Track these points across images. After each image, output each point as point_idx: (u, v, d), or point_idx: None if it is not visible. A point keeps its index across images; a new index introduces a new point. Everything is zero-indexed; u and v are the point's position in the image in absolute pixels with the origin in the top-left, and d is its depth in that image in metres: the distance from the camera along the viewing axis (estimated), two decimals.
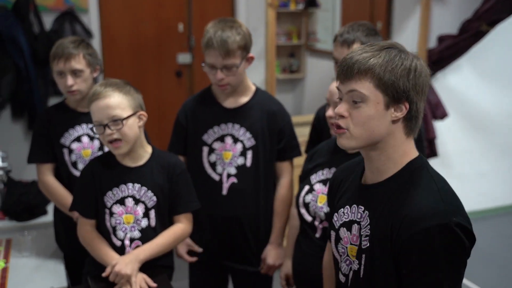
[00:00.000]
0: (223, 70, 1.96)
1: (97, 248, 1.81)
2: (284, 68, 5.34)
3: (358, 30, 2.00)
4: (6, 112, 4.06)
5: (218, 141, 2.09)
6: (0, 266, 2.03)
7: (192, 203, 1.93)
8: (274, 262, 2.14)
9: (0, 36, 3.72)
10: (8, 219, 2.46)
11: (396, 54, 1.25)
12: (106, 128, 1.74)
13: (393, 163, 1.29)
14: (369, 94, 1.23)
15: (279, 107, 2.15)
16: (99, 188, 1.83)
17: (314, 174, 1.86)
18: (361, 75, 1.24)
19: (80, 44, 2.11)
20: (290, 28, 5.26)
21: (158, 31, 4.67)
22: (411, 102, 1.24)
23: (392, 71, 1.23)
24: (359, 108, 1.25)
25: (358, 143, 1.27)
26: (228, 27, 1.96)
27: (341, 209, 1.39)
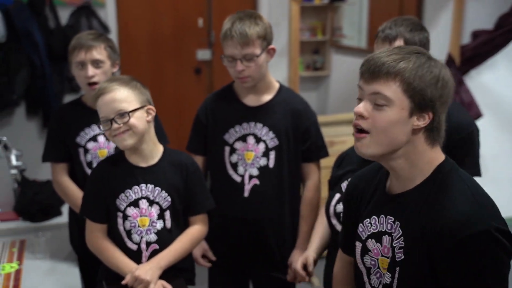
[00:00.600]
0: (242, 61, 1.96)
1: (113, 257, 1.81)
2: (307, 65, 5.31)
3: (402, 25, 1.91)
4: (20, 109, 4.11)
5: (240, 140, 2.08)
6: (14, 268, 2.05)
7: (207, 201, 1.93)
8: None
9: (15, 31, 3.77)
10: (22, 220, 2.49)
11: (426, 61, 1.23)
12: (113, 122, 1.74)
13: (419, 170, 1.27)
14: (395, 98, 1.22)
15: (304, 106, 2.13)
16: (111, 191, 1.82)
17: (345, 181, 1.81)
18: (389, 78, 1.22)
19: (101, 36, 2.15)
20: (314, 23, 5.23)
21: (176, 26, 4.69)
22: (435, 112, 1.23)
23: (422, 77, 1.21)
24: (381, 112, 1.23)
25: (377, 150, 1.25)
26: (247, 17, 1.97)
27: (367, 219, 1.37)
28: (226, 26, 1.97)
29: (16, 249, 2.21)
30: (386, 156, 1.26)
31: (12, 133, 3.86)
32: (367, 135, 1.25)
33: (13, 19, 3.74)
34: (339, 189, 1.83)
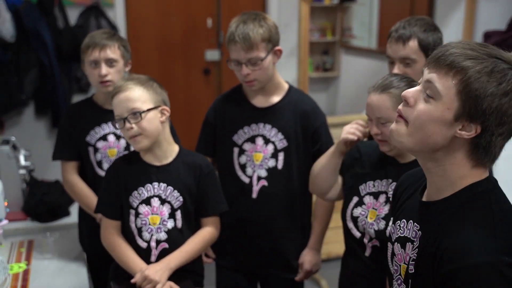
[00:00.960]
0: (247, 65, 1.95)
1: (124, 255, 1.83)
2: (317, 66, 5.31)
3: (416, 25, 1.90)
4: (29, 109, 4.14)
5: (249, 142, 2.08)
6: (22, 268, 2.06)
7: (220, 204, 1.94)
8: (311, 268, 2.11)
9: (24, 31, 3.79)
10: (30, 220, 2.50)
11: (503, 70, 1.08)
12: (126, 122, 1.76)
13: (450, 182, 1.17)
14: (444, 95, 1.10)
15: (313, 107, 2.12)
16: (124, 188, 1.84)
17: (363, 183, 1.78)
18: (449, 70, 1.10)
19: (114, 35, 2.16)
20: (324, 24, 5.22)
21: (185, 26, 4.70)
22: (485, 129, 1.10)
23: (485, 84, 1.08)
24: (426, 103, 1.13)
25: (409, 142, 1.16)
26: (251, 20, 1.95)
27: (398, 221, 1.30)
28: (230, 29, 1.97)
29: (24, 249, 2.22)
30: (420, 153, 1.18)
31: (21, 133, 3.89)
32: (405, 122, 1.16)
33: (22, 19, 3.77)
34: (357, 192, 1.79)
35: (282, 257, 2.15)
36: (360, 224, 1.75)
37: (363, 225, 1.75)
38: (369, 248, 1.75)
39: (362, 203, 1.77)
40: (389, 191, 1.71)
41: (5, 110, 3.85)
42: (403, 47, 1.91)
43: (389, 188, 1.72)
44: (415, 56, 1.90)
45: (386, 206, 1.71)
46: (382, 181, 1.74)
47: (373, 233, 1.72)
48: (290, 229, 2.14)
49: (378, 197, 1.74)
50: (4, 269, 1.86)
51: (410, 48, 1.90)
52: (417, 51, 1.90)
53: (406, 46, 1.90)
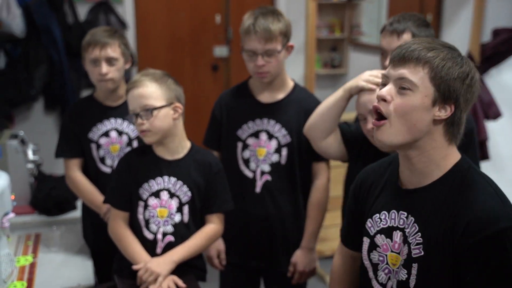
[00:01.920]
0: (263, 56, 1.98)
1: (129, 246, 1.84)
2: (325, 62, 5.30)
3: (410, 20, 1.96)
4: (38, 104, 4.18)
5: (253, 137, 2.09)
6: (28, 261, 2.08)
7: (227, 203, 1.96)
8: (304, 268, 2.13)
9: (34, 27, 3.82)
10: (38, 214, 2.53)
11: (458, 56, 1.26)
12: (138, 117, 1.79)
13: (435, 166, 1.27)
14: (420, 84, 1.23)
15: (317, 105, 2.13)
16: (135, 180, 1.86)
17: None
18: (418, 63, 1.24)
19: (115, 33, 2.16)
20: (332, 21, 5.21)
21: (194, 22, 4.71)
22: (457, 107, 1.25)
23: (451, 69, 1.23)
24: (404, 96, 1.24)
25: (397, 138, 1.26)
26: (270, 14, 2.00)
27: (376, 214, 1.37)
28: (249, 21, 1.99)
29: (31, 242, 2.24)
30: (405, 146, 1.27)
31: (30, 128, 3.93)
32: (386, 122, 1.26)
33: (32, 15, 3.80)
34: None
35: (284, 252, 2.16)
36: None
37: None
38: None
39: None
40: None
41: (15, 104, 3.89)
42: (397, 39, 1.96)
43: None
44: None
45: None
46: None
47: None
48: (293, 224, 2.15)
49: None
50: (11, 262, 1.88)
51: (404, 41, 1.92)
52: None
53: (400, 38, 1.95)
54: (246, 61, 2.03)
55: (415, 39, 1.31)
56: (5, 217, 1.82)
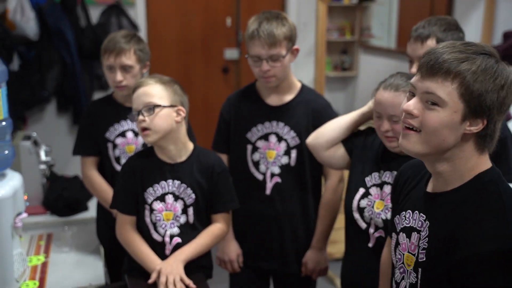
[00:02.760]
0: (268, 61, 1.98)
1: (138, 250, 1.86)
2: (335, 65, 5.30)
3: (435, 25, 1.91)
4: (51, 106, 4.22)
5: (262, 139, 2.10)
6: (40, 261, 2.11)
7: (231, 202, 1.96)
8: (314, 267, 2.13)
9: (47, 29, 3.86)
10: (50, 214, 2.55)
11: (493, 65, 1.15)
12: (140, 114, 1.80)
13: (459, 175, 1.22)
14: (448, 100, 1.15)
15: (324, 105, 2.14)
16: (140, 184, 1.88)
17: (369, 175, 1.80)
18: (447, 77, 1.14)
19: (132, 39, 2.16)
20: (343, 23, 5.21)
21: (205, 25, 4.73)
22: (490, 119, 1.17)
23: (484, 82, 1.13)
24: (433, 111, 1.17)
25: (424, 149, 1.20)
26: (274, 18, 1.99)
27: (403, 212, 1.35)
28: (253, 26, 1.99)
29: (43, 242, 2.27)
30: (431, 156, 1.22)
31: (42, 129, 3.97)
32: (415, 133, 1.20)
33: (45, 18, 3.84)
34: (363, 184, 1.80)
35: (294, 253, 2.16)
36: (367, 214, 1.77)
37: (370, 215, 1.77)
38: (374, 239, 1.77)
39: (368, 194, 1.79)
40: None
41: (28, 106, 3.93)
42: (421, 46, 1.92)
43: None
44: None
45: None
46: (385, 172, 1.76)
47: (380, 222, 1.74)
48: (303, 225, 2.16)
49: (383, 188, 1.76)
50: (23, 261, 1.91)
51: (428, 47, 1.89)
52: None
53: (424, 45, 1.91)
54: (251, 66, 2.04)
55: (447, 45, 1.19)
56: (18, 217, 1.85)
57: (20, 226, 1.86)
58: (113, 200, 1.94)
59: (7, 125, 1.81)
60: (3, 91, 1.78)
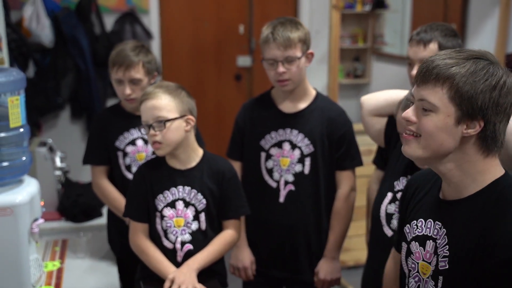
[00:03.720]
0: (284, 63, 2.00)
1: (153, 258, 1.87)
2: (348, 72, 5.30)
3: (437, 30, 1.97)
4: (65, 112, 4.26)
5: (276, 147, 2.11)
6: (56, 267, 2.13)
7: (242, 208, 1.97)
8: (325, 276, 2.13)
9: (62, 37, 3.91)
10: (64, 220, 2.58)
11: (484, 67, 1.19)
12: (151, 128, 1.82)
13: (471, 180, 1.24)
14: (440, 105, 1.20)
15: (340, 113, 2.15)
16: (150, 192, 1.89)
17: (396, 180, 1.80)
18: (437, 83, 1.20)
19: (140, 52, 2.16)
20: (355, 31, 5.21)
21: (218, 32, 4.76)
22: (487, 121, 1.19)
23: (473, 84, 1.17)
24: (427, 116, 1.22)
25: (424, 154, 1.24)
26: (288, 22, 2.03)
27: (414, 221, 1.36)
28: (268, 30, 2.02)
29: (58, 248, 2.29)
30: (433, 160, 1.25)
31: (57, 136, 4.00)
32: (414, 138, 1.25)
33: (60, 25, 3.89)
34: (391, 188, 1.80)
35: (307, 262, 2.16)
36: (395, 221, 1.76)
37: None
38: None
39: (396, 199, 1.77)
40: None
41: (43, 113, 3.97)
42: (423, 49, 1.96)
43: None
44: None
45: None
46: None
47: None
48: (316, 233, 2.16)
49: None
50: (39, 267, 1.93)
51: (430, 51, 1.95)
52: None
53: (427, 48, 1.96)
54: (267, 70, 2.06)
55: (440, 53, 1.25)
56: (35, 223, 1.87)
57: (36, 232, 1.88)
58: (125, 208, 1.95)
59: (25, 131, 1.84)
60: (22, 98, 1.81)
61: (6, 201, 1.75)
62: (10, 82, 1.74)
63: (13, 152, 1.80)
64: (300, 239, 2.15)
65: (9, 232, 1.76)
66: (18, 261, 1.78)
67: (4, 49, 2.57)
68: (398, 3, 5.01)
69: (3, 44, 2.52)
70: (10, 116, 1.76)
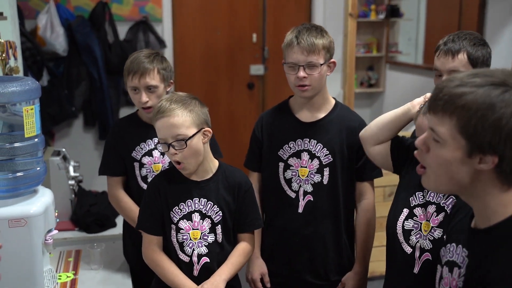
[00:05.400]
0: (305, 68, 1.97)
1: (169, 272, 1.82)
2: (361, 81, 5.26)
3: (465, 39, 1.91)
4: (78, 121, 4.26)
5: (294, 157, 2.07)
6: (70, 278, 2.10)
7: (257, 221, 1.94)
8: None
9: (76, 45, 3.91)
10: (78, 230, 2.55)
11: (498, 96, 1.05)
12: (170, 147, 1.77)
13: (492, 212, 1.14)
14: (447, 138, 1.10)
15: (360, 123, 2.10)
16: (165, 204, 1.85)
17: (412, 195, 1.74)
18: (445, 113, 1.10)
19: (155, 58, 2.14)
20: (369, 39, 5.18)
21: (231, 41, 4.74)
22: (502, 156, 1.07)
23: (483, 118, 1.05)
24: (437, 148, 1.13)
25: (438, 186, 1.17)
26: (314, 29, 2.01)
27: (448, 245, 1.29)
28: (292, 34, 2.00)
29: (72, 259, 2.26)
30: (454, 192, 1.18)
31: (69, 144, 4.00)
32: (425, 170, 1.18)
33: (74, 34, 3.89)
34: (407, 204, 1.74)
35: (323, 272, 2.12)
36: (414, 238, 1.70)
37: (417, 238, 1.69)
38: (419, 264, 1.68)
39: (413, 215, 1.72)
40: (441, 201, 1.66)
41: (56, 121, 3.97)
42: (452, 60, 1.91)
43: (440, 198, 1.66)
44: (463, 69, 1.89)
45: (440, 215, 1.66)
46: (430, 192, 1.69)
47: (428, 243, 1.66)
48: (334, 244, 2.11)
49: (427, 208, 1.69)
50: (53, 278, 1.90)
51: (459, 61, 1.90)
52: (466, 64, 1.90)
53: (455, 59, 1.90)
54: (287, 75, 2.02)
55: (452, 78, 1.13)
56: (49, 234, 1.84)
57: (50, 243, 1.86)
58: (138, 220, 1.91)
59: (40, 141, 1.82)
60: (37, 108, 1.79)
61: (21, 212, 1.73)
62: (25, 91, 1.72)
63: (28, 162, 1.77)
64: (318, 251, 2.10)
65: (23, 243, 1.74)
66: (32, 272, 1.76)
67: (19, 58, 2.56)
68: (412, 11, 4.97)
69: (18, 53, 2.51)
70: (25, 125, 1.74)
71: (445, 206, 1.65)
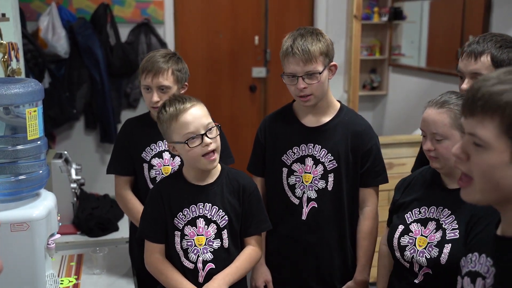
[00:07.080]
0: (304, 78, 1.92)
1: (173, 280, 1.80)
2: (364, 84, 5.25)
3: (491, 41, 1.82)
4: (79, 124, 4.24)
5: (298, 162, 2.04)
6: (72, 283, 2.08)
7: (264, 223, 1.91)
8: None
9: (77, 47, 3.90)
10: (80, 234, 2.53)
11: None
12: (205, 137, 1.74)
13: None
14: (491, 141, 1.03)
15: (365, 127, 2.07)
16: (169, 210, 1.83)
17: (409, 211, 1.73)
18: (485, 115, 1.03)
19: (171, 59, 2.11)
20: (372, 42, 5.17)
21: (233, 43, 4.73)
22: None
23: None
24: (479, 153, 1.06)
25: (483, 197, 1.09)
26: (309, 34, 1.93)
27: (469, 254, 1.24)
28: (288, 43, 1.93)
29: (74, 263, 2.24)
30: (498, 202, 1.10)
31: (70, 147, 3.98)
32: (468, 183, 1.10)
33: (76, 36, 3.88)
34: (403, 220, 1.73)
35: (327, 279, 2.10)
36: (408, 253, 1.69)
37: (411, 254, 1.68)
38: (420, 276, 1.67)
39: (409, 231, 1.71)
40: (441, 218, 1.65)
41: (57, 124, 3.95)
42: (474, 62, 1.82)
43: (441, 215, 1.65)
44: (486, 72, 1.79)
45: (438, 233, 1.64)
46: (430, 208, 1.68)
47: (424, 261, 1.65)
48: (337, 250, 2.09)
49: (426, 224, 1.68)
50: (55, 283, 1.88)
51: (482, 64, 1.81)
52: (489, 67, 1.80)
53: (478, 61, 1.81)
54: (287, 85, 1.98)
55: (487, 77, 1.07)
56: (51, 238, 1.82)
57: (53, 247, 1.84)
58: (140, 228, 1.88)
59: (42, 144, 1.80)
60: (39, 110, 1.77)
61: (23, 215, 1.71)
62: (29, 93, 1.70)
63: (30, 165, 1.76)
64: (322, 258, 2.07)
65: (25, 247, 1.72)
66: (34, 277, 1.74)
67: (21, 60, 2.54)
68: (415, 14, 4.96)
69: (20, 55, 2.50)
70: (28, 128, 1.72)
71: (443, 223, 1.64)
